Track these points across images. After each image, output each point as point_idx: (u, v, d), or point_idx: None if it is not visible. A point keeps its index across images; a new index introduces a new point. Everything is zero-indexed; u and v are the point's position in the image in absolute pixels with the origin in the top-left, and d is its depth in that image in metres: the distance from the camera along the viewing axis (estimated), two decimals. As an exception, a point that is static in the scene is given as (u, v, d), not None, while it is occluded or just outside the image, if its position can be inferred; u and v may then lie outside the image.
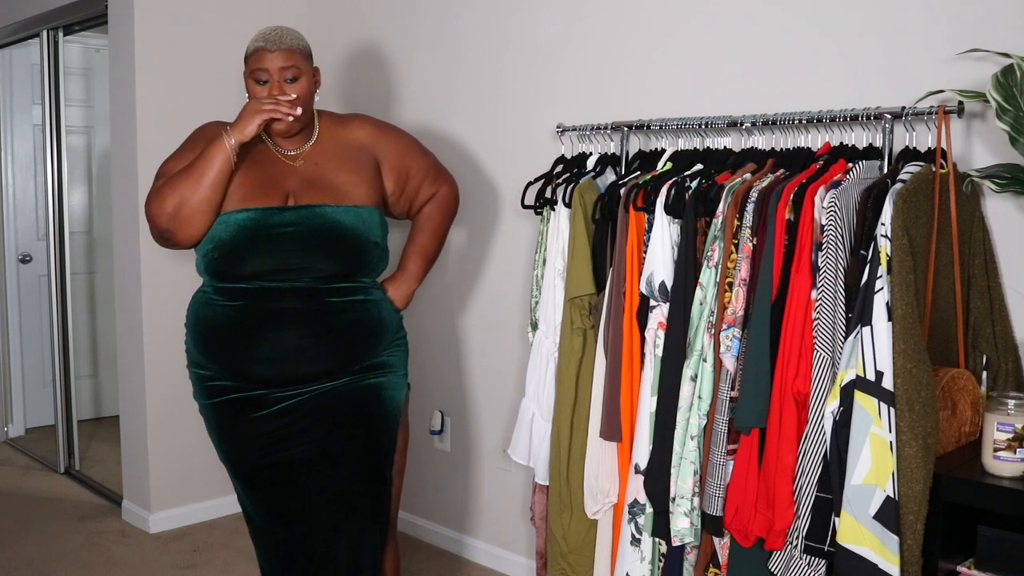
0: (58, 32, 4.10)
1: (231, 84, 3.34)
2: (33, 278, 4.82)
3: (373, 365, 2.26)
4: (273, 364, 2.16)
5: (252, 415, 2.18)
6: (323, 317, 2.18)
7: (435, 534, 3.48)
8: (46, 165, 4.22)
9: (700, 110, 2.52)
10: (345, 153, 2.30)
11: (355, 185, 2.26)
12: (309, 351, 2.17)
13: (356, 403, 2.23)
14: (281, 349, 2.15)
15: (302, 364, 2.17)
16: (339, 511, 2.20)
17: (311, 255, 2.16)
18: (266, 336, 2.15)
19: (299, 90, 2.20)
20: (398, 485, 2.36)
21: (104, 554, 3.39)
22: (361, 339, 2.24)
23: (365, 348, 2.25)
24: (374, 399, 2.25)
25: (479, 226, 3.21)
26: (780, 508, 1.97)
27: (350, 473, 2.21)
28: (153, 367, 3.54)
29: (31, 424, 4.90)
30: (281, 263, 2.14)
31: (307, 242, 2.16)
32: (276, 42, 2.19)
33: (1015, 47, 1.90)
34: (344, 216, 2.19)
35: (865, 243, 1.89)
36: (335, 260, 2.18)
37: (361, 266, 2.23)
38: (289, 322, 2.16)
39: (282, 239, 2.15)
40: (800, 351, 1.95)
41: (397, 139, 2.43)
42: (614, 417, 2.33)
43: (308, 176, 2.24)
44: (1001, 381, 2.01)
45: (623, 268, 2.33)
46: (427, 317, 3.38)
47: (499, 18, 3.11)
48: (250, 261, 2.15)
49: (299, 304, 2.16)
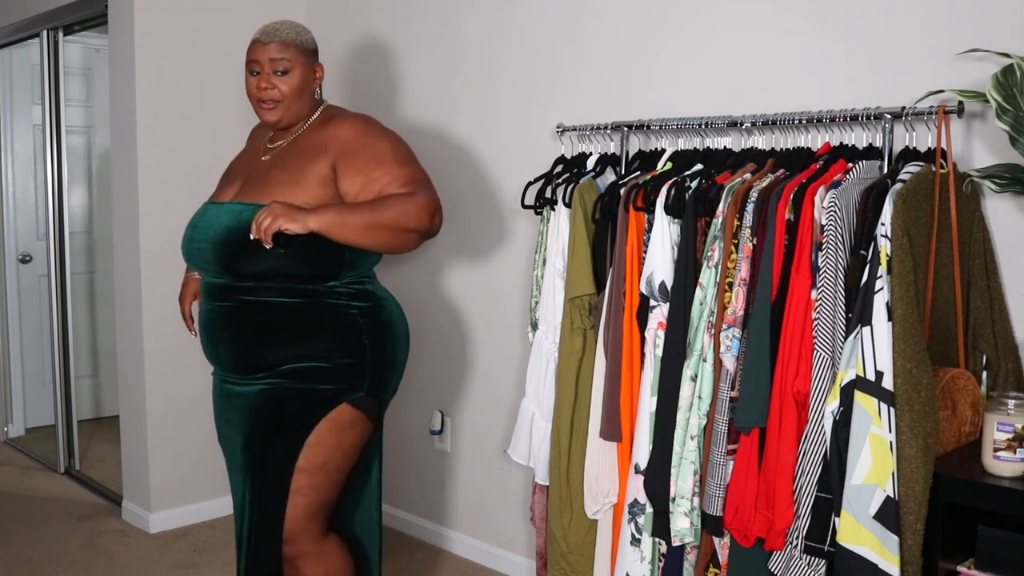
0: (58, 32, 4.10)
1: (231, 84, 3.35)
2: (33, 278, 4.82)
3: (299, 370, 2.14)
4: (215, 354, 2.25)
5: (216, 392, 2.31)
6: (237, 315, 2.18)
7: (435, 533, 3.48)
8: (46, 165, 4.22)
9: (700, 110, 2.52)
10: (303, 151, 2.23)
11: (285, 183, 2.16)
12: (232, 347, 2.20)
13: (267, 406, 2.16)
14: (215, 342, 2.23)
15: (231, 359, 2.21)
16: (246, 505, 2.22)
17: (221, 253, 2.15)
18: (211, 327, 2.23)
19: (288, 84, 2.21)
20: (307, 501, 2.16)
21: (104, 554, 3.39)
22: (272, 340, 2.15)
23: (285, 351, 2.14)
24: (283, 404, 2.15)
25: (479, 226, 3.21)
26: (780, 508, 1.97)
27: (251, 474, 2.20)
28: (153, 367, 3.54)
29: (31, 424, 4.89)
30: (206, 259, 2.20)
31: (219, 239, 2.15)
32: (271, 34, 2.22)
33: (1015, 47, 1.90)
34: (223, 216, 2.16)
35: (865, 243, 1.89)
36: (241, 260, 2.12)
37: (271, 267, 2.11)
38: (218, 317, 2.21)
39: (205, 234, 2.19)
40: (800, 351, 1.95)
41: (373, 143, 2.21)
42: (614, 417, 2.33)
43: (256, 173, 2.27)
44: (1001, 381, 2.01)
45: (623, 268, 2.33)
46: (427, 317, 3.38)
47: (499, 18, 3.11)
48: (190, 254, 2.26)
49: (222, 301, 2.19)
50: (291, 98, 2.23)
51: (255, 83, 2.23)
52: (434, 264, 3.39)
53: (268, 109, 2.23)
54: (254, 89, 2.24)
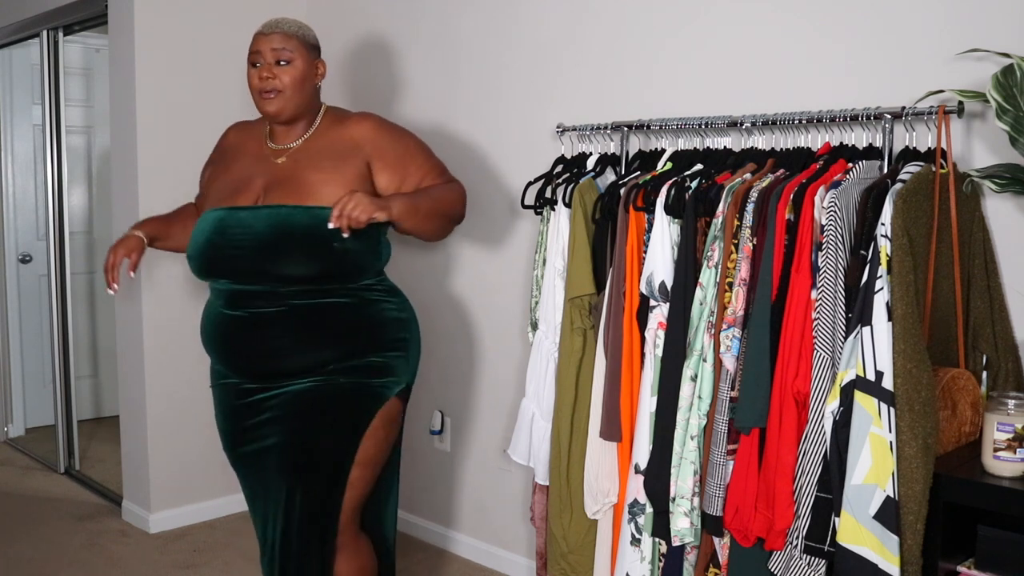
0: (58, 32, 4.10)
1: (232, 84, 3.35)
2: (33, 278, 4.82)
3: (353, 367, 2.19)
4: (249, 361, 2.20)
5: (235, 402, 2.24)
6: (290, 319, 2.15)
7: (435, 534, 3.48)
8: (46, 165, 4.22)
9: (700, 110, 2.52)
10: (330, 151, 2.25)
11: (325, 183, 2.18)
12: (278, 352, 2.17)
13: (321, 403, 2.17)
14: (252, 349, 2.18)
15: (273, 363, 2.18)
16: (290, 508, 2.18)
17: (268, 257, 2.13)
18: (241, 335, 2.18)
19: (289, 74, 2.21)
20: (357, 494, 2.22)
21: (104, 554, 3.39)
22: (330, 341, 2.17)
23: (336, 350, 2.18)
24: (340, 401, 2.18)
25: (479, 226, 3.21)
26: (780, 508, 1.97)
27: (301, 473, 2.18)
28: (153, 367, 3.54)
29: (31, 424, 4.90)
30: (243, 265, 2.15)
31: (265, 244, 2.13)
32: (273, 26, 2.24)
33: (1015, 47, 1.90)
34: (304, 218, 2.13)
35: (865, 243, 1.89)
36: (291, 263, 2.13)
37: (324, 268, 2.14)
38: (260, 323, 2.16)
39: (242, 240, 2.15)
40: (800, 351, 1.95)
41: (399, 138, 2.33)
42: (614, 417, 2.33)
43: (282, 174, 2.23)
44: (1001, 381, 2.01)
45: (623, 268, 2.33)
46: (427, 316, 3.38)
47: (499, 18, 3.11)
48: (217, 262, 2.19)
49: (263, 306, 2.15)
50: (292, 89, 2.22)
51: (256, 74, 2.23)
52: (434, 264, 3.39)
53: (268, 99, 2.22)
54: (256, 80, 2.23)
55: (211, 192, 2.32)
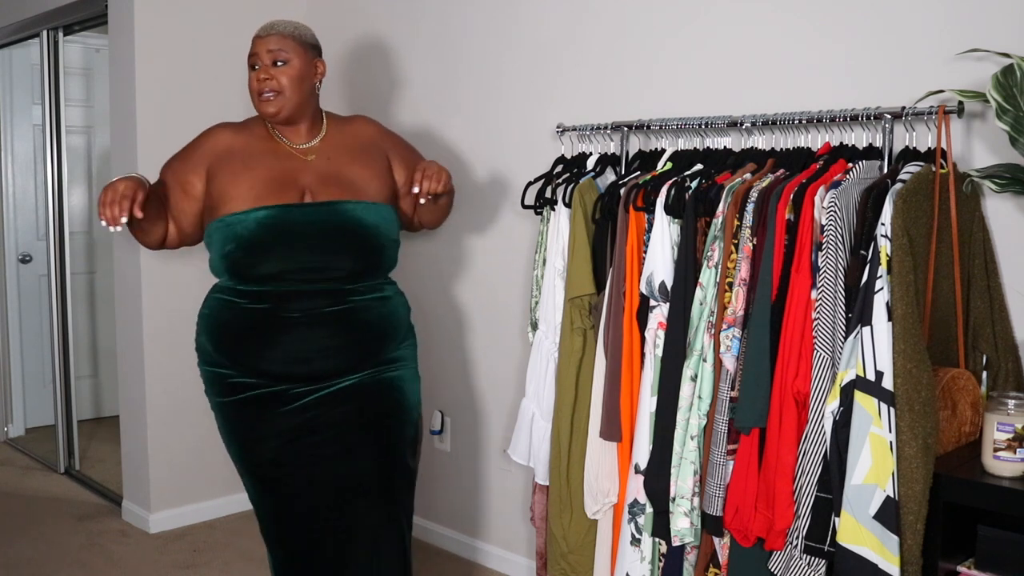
0: (58, 32, 4.10)
1: (231, 84, 3.35)
2: (33, 278, 4.82)
3: (391, 359, 2.30)
4: (298, 363, 2.17)
5: (275, 410, 2.18)
6: (347, 316, 2.20)
7: (435, 534, 3.48)
8: (46, 165, 4.23)
9: (700, 110, 2.52)
10: (356, 147, 2.34)
11: (370, 179, 2.28)
12: (333, 350, 2.19)
13: (379, 396, 2.26)
14: (306, 349, 2.16)
15: (326, 362, 2.19)
16: (361, 504, 2.20)
17: (333, 253, 2.18)
18: (291, 337, 2.16)
19: (286, 75, 2.22)
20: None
21: (104, 554, 3.39)
22: (381, 337, 2.27)
23: (384, 345, 2.28)
24: (397, 391, 2.29)
25: (479, 226, 3.21)
26: (780, 508, 1.97)
27: (372, 465, 2.22)
28: (153, 367, 3.54)
29: (31, 424, 4.90)
30: (303, 262, 2.15)
31: (329, 240, 2.18)
32: (268, 29, 2.26)
33: (1015, 47, 1.90)
34: (365, 214, 2.23)
35: (865, 243, 1.89)
36: (357, 258, 2.21)
37: (380, 264, 2.28)
38: (313, 323, 2.16)
39: (304, 237, 2.15)
40: (800, 351, 1.95)
41: (399, 139, 2.48)
42: (614, 417, 2.33)
43: (322, 171, 2.25)
44: (1001, 381, 2.01)
45: (623, 268, 2.33)
46: (427, 316, 3.38)
47: (499, 18, 3.11)
48: (272, 260, 2.14)
49: (323, 304, 2.17)
50: (289, 89, 2.23)
51: (255, 76, 2.25)
52: (434, 264, 3.39)
53: (267, 101, 2.23)
54: (254, 83, 2.25)
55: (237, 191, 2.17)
